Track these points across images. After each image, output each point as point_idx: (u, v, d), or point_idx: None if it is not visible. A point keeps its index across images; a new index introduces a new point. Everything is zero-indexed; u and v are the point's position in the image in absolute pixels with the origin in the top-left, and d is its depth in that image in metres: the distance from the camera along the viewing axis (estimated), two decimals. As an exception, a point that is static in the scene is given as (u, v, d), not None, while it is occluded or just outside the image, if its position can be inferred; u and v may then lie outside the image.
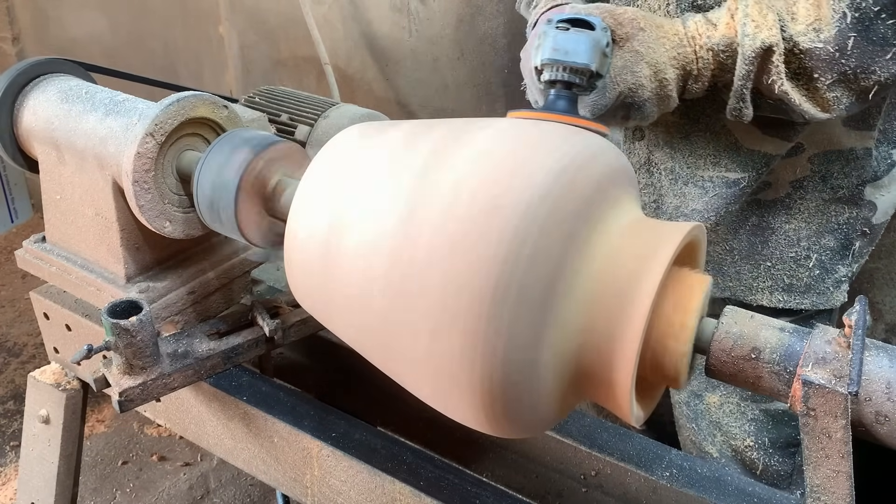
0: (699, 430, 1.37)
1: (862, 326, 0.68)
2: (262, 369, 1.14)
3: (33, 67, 1.08)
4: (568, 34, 0.91)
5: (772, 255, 1.25)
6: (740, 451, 1.34)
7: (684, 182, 1.21)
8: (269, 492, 2.03)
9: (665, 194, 1.22)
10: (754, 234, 1.25)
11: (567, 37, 0.91)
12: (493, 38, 1.98)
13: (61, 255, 1.09)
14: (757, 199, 1.23)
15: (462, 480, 0.93)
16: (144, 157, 0.93)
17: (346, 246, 0.74)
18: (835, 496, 0.69)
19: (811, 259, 1.24)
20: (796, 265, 1.25)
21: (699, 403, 1.37)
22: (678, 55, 1.01)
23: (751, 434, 1.33)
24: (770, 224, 1.24)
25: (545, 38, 0.92)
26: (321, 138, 1.16)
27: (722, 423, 1.35)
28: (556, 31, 0.92)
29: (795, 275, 1.25)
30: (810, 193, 1.21)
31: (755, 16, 0.99)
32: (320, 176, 0.79)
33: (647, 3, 1.12)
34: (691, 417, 1.38)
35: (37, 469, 1.31)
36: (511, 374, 0.68)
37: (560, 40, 0.91)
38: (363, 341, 0.77)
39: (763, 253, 1.25)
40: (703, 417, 1.36)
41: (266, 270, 1.21)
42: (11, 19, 3.00)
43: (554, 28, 0.92)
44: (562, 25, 0.92)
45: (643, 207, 1.19)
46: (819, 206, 1.22)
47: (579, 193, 0.69)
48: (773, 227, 1.24)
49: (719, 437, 1.35)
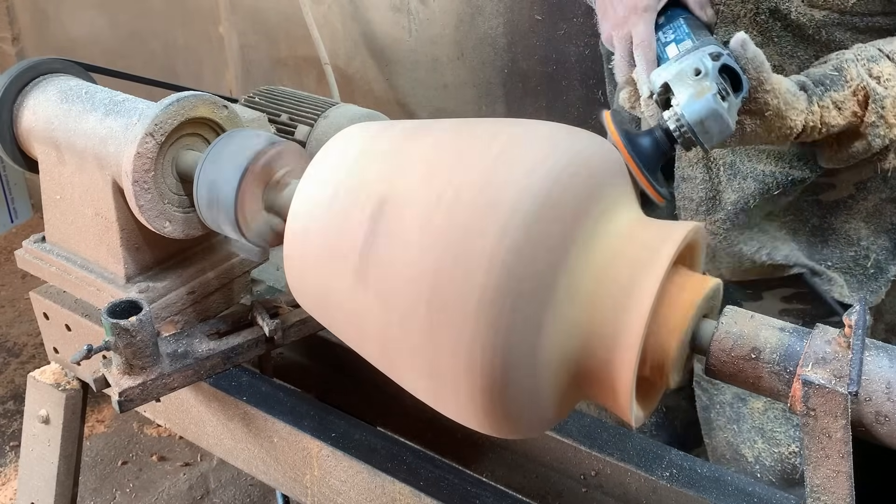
0: (739, 433, 1.34)
1: (862, 326, 0.68)
2: (261, 369, 1.14)
3: (33, 67, 1.08)
4: (721, 113, 0.85)
5: (832, 254, 1.22)
6: (784, 458, 1.32)
7: (743, 177, 1.17)
8: (269, 492, 2.03)
9: (723, 190, 1.19)
10: (814, 234, 1.22)
11: (719, 116, 0.85)
12: (493, 38, 1.98)
13: (61, 255, 1.09)
14: (818, 200, 1.20)
15: (462, 480, 0.93)
16: (144, 157, 0.93)
17: (345, 247, 0.74)
18: (835, 496, 0.69)
19: (870, 259, 1.22)
20: (855, 265, 1.22)
21: (742, 406, 1.34)
22: (777, 140, 0.99)
23: (796, 440, 1.31)
24: (831, 225, 1.21)
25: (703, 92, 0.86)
26: (321, 138, 1.15)
27: (766, 428, 1.32)
28: (716, 96, 0.85)
29: (854, 274, 1.23)
30: (872, 194, 1.19)
31: (890, 118, 0.98)
32: (320, 176, 0.79)
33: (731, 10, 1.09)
34: (733, 419, 1.35)
35: (37, 469, 1.31)
36: (511, 374, 0.67)
37: (712, 116, 0.85)
38: (363, 341, 0.77)
39: (823, 253, 1.22)
40: (746, 421, 1.34)
41: (266, 270, 1.21)
42: (11, 19, 3.00)
43: (716, 86, 0.86)
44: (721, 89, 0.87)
45: (699, 203, 1.18)
46: (877, 206, 1.20)
47: (579, 192, 0.69)
48: (833, 227, 1.21)
49: (760, 443, 1.33)
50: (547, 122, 0.79)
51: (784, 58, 1.10)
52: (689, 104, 0.86)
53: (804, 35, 1.07)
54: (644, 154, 0.86)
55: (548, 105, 1.98)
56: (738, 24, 1.09)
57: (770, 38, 1.09)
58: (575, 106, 1.94)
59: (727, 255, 1.22)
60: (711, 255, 1.23)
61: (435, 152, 0.73)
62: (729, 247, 1.21)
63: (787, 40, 1.09)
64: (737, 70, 0.90)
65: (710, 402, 1.38)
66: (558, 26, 1.88)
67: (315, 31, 2.13)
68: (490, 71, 2.03)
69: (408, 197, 0.71)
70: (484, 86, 2.06)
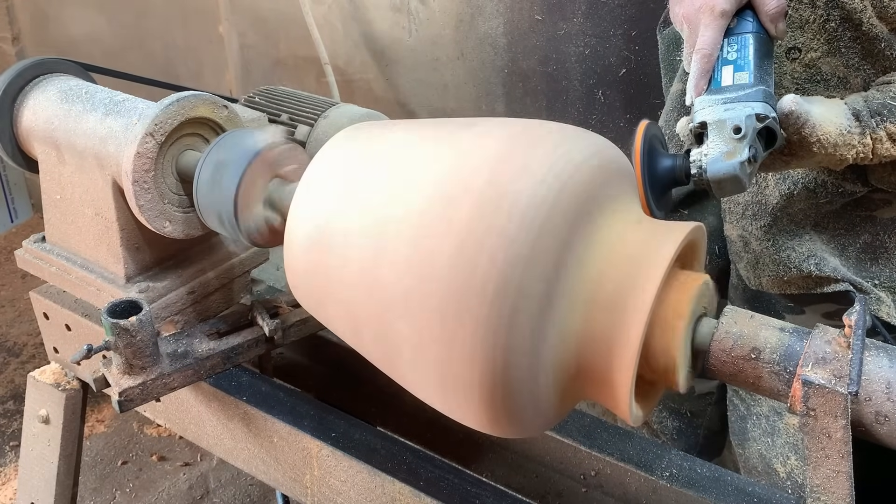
0: (773, 447, 1.32)
1: (862, 326, 0.68)
2: (261, 369, 1.14)
3: (33, 67, 1.08)
4: (742, 177, 0.85)
5: (881, 272, 1.18)
6: None
7: (793, 182, 1.14)
8: (269, 492, 2.03)
9: (770, 194, 1.16)
10: (865, 251, 1.18)
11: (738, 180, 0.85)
12: (493, 38, 1.98)
13: (61, 255, 1.09)
14: (872, 217, 1.16)
15: (462, 480, 0.93)
16: (144, 157, 0.93)
17: (346, 246, 0.74)
18: (835, 496, 0.69)
19: None
20: None
21: (778, 421, 1.32)
22: (832, 165, 0.97)
23: None
24: (884, 243, 1.17)
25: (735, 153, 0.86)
26: (321, 138, 1.15)
27: (800, 445, 1.28)
28: (742, 164, 0.85)
29: None
30: None
31: None
32: (320, 176, 0.79)
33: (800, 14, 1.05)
34: (768, 432, 1.33)
35: (37, 469, 1.31)
36: (511, 373, 0.67)
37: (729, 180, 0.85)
38: (363, 341, 0.77)
39: (871, 270, 1.18)
40: (780, 435, 1.32)
41: (266, 270, 1.21)
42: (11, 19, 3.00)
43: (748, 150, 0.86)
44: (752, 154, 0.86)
45: (745, 206, 1.15)
46: None
47: (579, 193, 0.69)
48: (886, 245, 1.17)
49: (793, 460, 1.30)
50: (548, 122, 0.79)
51: (850, 70, 1.06)
52: (715, 162, 0.87)
53: (873, 49, 1.03)
54: (657, 174, 0.86)
55: (548, 105, 1.98)
56: (805, 29, 1.05)
57: (838, 49, 1.05)
58: (575, 106, 1.94)
59: (772, 262, 1.18)
60: (755, 261, 1.20)
61: (435, 155, 0.73)
62: (776, 252, 1.17)
63: (855, 52, 1.05)
64: (776, 131, 0.89)
65: (748, 413, 1.36)
66: (558, 26, 1.88)
67: (315, 31, 2.13)
68: (490, 71, 2.03)
69: (408, 199, 0.71)
70: (484, 86, 2.06)
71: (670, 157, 0.90)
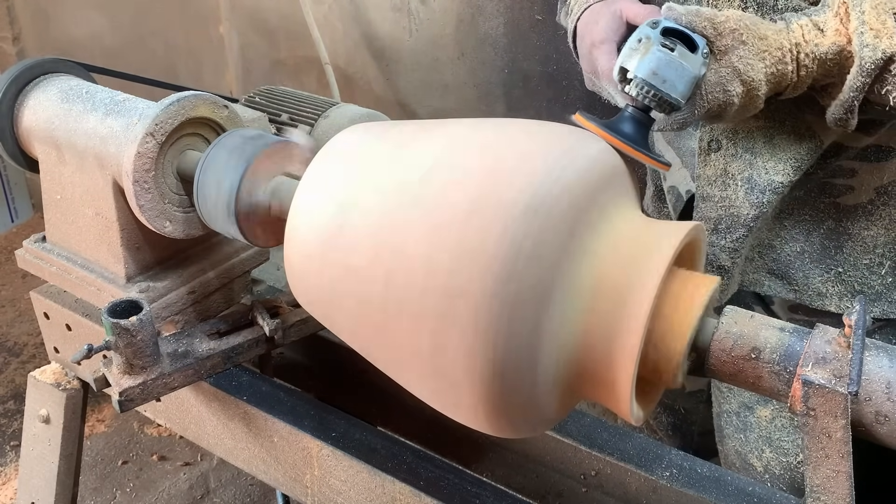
0: (747, 442, 1.32)
1: (862, 326, 0.68)
2: (262, 369, 1.14)
3: (34, 67, 1.08)
4: (671, 59, 0.86)
5: (845, 260, 1.19)
6: (793, 467, 1.30)
7: (761, 191, 1.13)
8: (269, 492, 2.03)
9: (741, 205, 1.15)
10: (829, 238, 1.19)
11: (670, 62, 0.86)
12: (493, 38, 1.98)
13: (61, 254, 1.09)
14: (836, 203, 1.17)
15: (462, 480, 0.93)
16: (145, 157, 0.93)
17: (347, 245, 0.74)
18: (835, 496, 0.69)
19: (884, 266, 1.18)
20: (869, 272, 1.19)
21: (749, 415, 1.33)
22: (777, 71, 0.95)
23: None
24: (847, 229, 1.17)
25: (647, 49, 0.87)
26: (321, 138, 1.15)
27: (773, 437, 1.30)
28: (660, 48, 0.87)
29: (867, 282, 1.20)
30: (893, 199, 1.15)
31: (873, 23, 0.91)
32: (320, 175, 0.79)
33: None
34: (740, 428, 1.33)
35: (37, 469, 1.31)
36: (511, 373, 0.68)
37: (662, 64, 0.86)
38: (363, 341, 0.77)
39: (836, 258, 1.19)
40: (753, 430, 1.32)
41: (266, 270, 1.21)
42: (11, 19, 3.00)
43: (659, 43, 0.87)
44: (667, 44, 0.87)
45: (717, 221, 1.15)
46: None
47: (578, 193, 0.69)
48: (850, 232, 1.17)
49: (768, 453, 1.30)
50: (546, 122, 0.79)
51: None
52: (639, 66, 0.87)
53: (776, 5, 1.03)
54: (628, 133, 0.86)
55: (548, 105, 1.98)
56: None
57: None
58: (575, 106, 1.93)
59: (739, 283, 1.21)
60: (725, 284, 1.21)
61: (435, 156, 0.73)
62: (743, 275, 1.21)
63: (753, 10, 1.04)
64: (682, 29, 0.89)
65: (720, 410, 1.37)
66: (558, 26, 1.87)
67: (315, 31, 2.13)
68: (490, 71, 2.03)
69: (407, 200, 0.71)
70: (484, 86, 2.06)
71: (620, 115, 0.89)
